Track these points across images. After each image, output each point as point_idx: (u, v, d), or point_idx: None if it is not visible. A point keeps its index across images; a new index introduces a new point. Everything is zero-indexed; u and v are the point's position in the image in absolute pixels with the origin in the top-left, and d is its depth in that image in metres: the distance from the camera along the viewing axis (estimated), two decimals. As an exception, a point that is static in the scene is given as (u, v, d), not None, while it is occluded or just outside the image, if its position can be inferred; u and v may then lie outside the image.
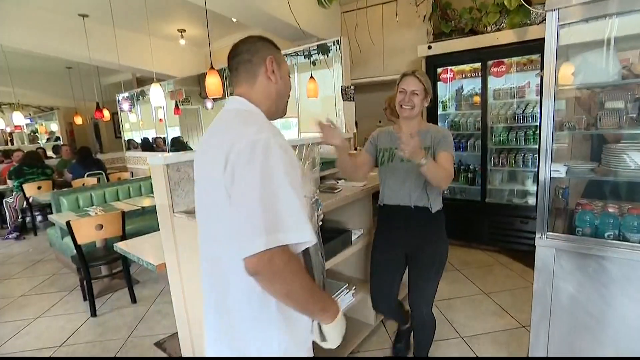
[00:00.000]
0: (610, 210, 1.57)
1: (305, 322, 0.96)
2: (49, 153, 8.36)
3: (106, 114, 6.41)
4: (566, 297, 1.58)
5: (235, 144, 0.82)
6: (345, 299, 1.99)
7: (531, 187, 3.42)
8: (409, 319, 1.97)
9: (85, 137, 10.21)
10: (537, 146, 3.23)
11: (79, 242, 2.67)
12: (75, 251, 2.71)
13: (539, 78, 3.17)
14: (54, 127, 10.60)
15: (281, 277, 0.78)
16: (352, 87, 3.86)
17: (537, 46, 2.96)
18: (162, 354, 2.25)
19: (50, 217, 3.48)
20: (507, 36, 3.19)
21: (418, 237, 1.68)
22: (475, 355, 2.08)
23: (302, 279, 0.82)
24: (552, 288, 1.60)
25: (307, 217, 0.82)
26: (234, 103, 0.99)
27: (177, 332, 2.10)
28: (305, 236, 0.80)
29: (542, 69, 1.61)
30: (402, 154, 1.38)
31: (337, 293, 1.97)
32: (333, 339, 0.95)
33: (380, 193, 1.77)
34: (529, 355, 1.73)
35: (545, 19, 1.50)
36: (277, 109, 1.03)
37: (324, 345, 0.97)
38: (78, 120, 7.51)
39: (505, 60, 3.33)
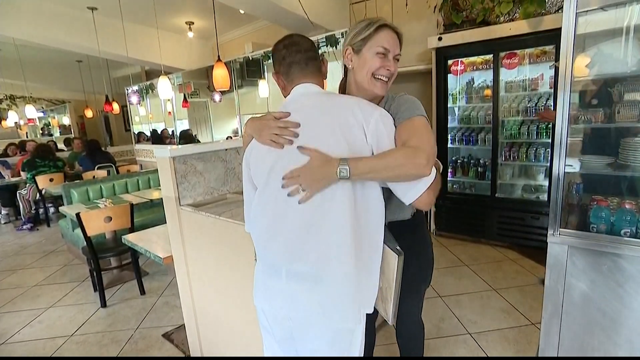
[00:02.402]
0: (627, 206, 1.52)
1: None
2: (60, 146, 8.49)
3: (115, 107, 6.47)
4: (579, 295, 1.53)
5: (372, 113, 0.99)
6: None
7: (543, 181, 3.34)
8: None
9: (96, 130, 10.34)
10: (549, 140, 3.15)
11: (89, 233, 2.71)
12: (85, 242, 2.75)
13: (553, 70, 3.08)
14: (66, 120, 10.75)
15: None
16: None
17: (551, 37, 2.86)
18: (170, 345, 2.27)
19: (61, 209, 3.54)
20: (520, 26, 3.09)
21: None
22: (485, 355, 2.05)
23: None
24: (564, 286, 1.56)
25: None
26: (315, 87, 1.10)
27: (184, 324, 2.12)
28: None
29: (557, 59, 1.55)
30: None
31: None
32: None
33: None
34: (539, 354, 1.69)
35: (561, 8, 1.44)
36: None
37: None
38: (88, 114, 7.60)
39: (518, 51, 3.23)
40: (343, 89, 1.24)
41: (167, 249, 1.99)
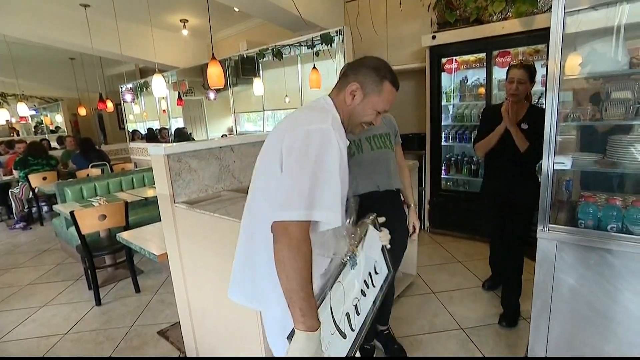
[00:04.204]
0: (614, 202, 1.55)
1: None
2: (53, 144, 8.42)
3: (109, 105, 6.42)
4: (567, 290, 1.57)
5: (297, 127, 0.95)
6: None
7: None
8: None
9: (90, 128, 10.26)
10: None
11: (83, 232, 2.70)
12: (79, 241, 2.74)
13: (545, 68, 3.11)
14: (59, 118, 10.66)
15: (289, 248, 0.87)
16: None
17: (543, 35, 2.88)
18: (165, 342, 2.28)
19: (54, 207, 3.52)
20: (513, 25, 3.13)
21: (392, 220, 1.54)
22: (478, 351, 2.08)
23: (304, 262, 0.88)
24: (553, 280, 1.59)
25: (341, 206, 0.95)
26: (321, 99, 1.14)
27: (179, 321, 2.13)
28: (337, 219, 0.91)
29: (547, 58, 1.58)
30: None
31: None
32: (293, 352, 0.87)
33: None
34: (529, 348, 1.73)
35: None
36: (347, 125, 1.12)
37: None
38: (82, 112, 7.54)
39: (511, 50, 3.27)
40: None
41: (161, 247, 1.99)
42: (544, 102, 3.11)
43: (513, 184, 2.19)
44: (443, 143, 3.71)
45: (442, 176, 3.78)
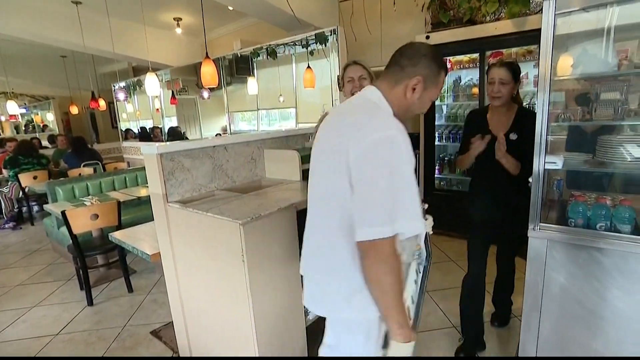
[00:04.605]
0: (603, 201, 1.58)
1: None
2: (44, 143, 8.31)
3: (102, 103, 6.36)
4: (557, 288, 1.59)
5: (362, 138, 0.90)
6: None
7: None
8: None
9: (82, 126, 10.14)
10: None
11: (75, 231, 2.67)
12: (71, 241, 2.71)
13: (537, 69, 3.15)
14: (50, 116, 10.52)
15: (381, 263, 0.88)
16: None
17: (535, 36, 2.88)
18: (158, 342, 2.27)
19: (45, 207, 3.47)
20: (505, 26, 3.16)
21: None
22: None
23: (396, 275, 0.90)
24: (543, 279, 1.61)
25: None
26: (368, 92, 1.06)
27: (172, 321, 2.11)
28: (419, 227, 0.92)
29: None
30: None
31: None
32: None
33: None
34: (520, 346, 1.75)
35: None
36: (401, 118, 1.04)
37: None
38: (74, 110, 7.45)
39: (504, 50, 3.30)
40: None
41: (154, 246, 1.98)
42: (535, 102, 3.15)
43: (502, 206, 1.91)
44: (436, 143, 3.73)
45: (435, 176, 3.81)
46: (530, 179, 1.61)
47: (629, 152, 1.56)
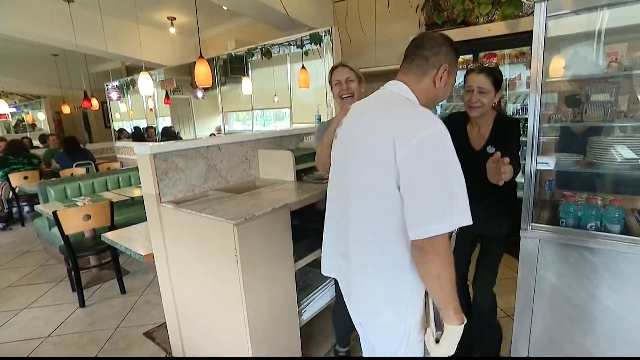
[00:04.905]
0: (593, 201, 1.60)
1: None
2: (35, 142, 8.21)
3: (95, 103, 6.31)
4: (548, 287, 1.61)
5: (410, 137, 0.89)
6: (327, 293, 1.99)
7: (520, 178, 3.44)
8: None
9: (74, 126, 10.03)
10: (525, 138, 3.25)
11: (67, 232, 2.64)
12: (62, 241, 2.68)
13: (530, 70, 3.18)
14: (41, 116, 10.38)
15: (440, 258, 0.89)
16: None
17: (528, 38, 2.94)
18: (151, 344, 2.25)
19: (36, 207, 3.43)
20: (498, 28, 3.19)
21: None
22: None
23: (452, 266, 0.92)
24: (535, 278, 1.63)
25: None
26: (395, 87, 1.07)
27: (165, 322, 2.10)
28: (470, 219, 0.90)
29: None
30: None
31: (322, 285, 1.98)
32: (450, 344, 0.96)
33: None
34: (512, 344, 1.76)
35: (535, 11, 1.49)
36: (426, 106, 1.05)
37: (434, 351, 1.00)
38: (65, 109, 7.37)
39: (497, 52, 3.33)
40: None
41: (148, 247, 1.97)
42: (528, 104, 3.18)
43: (483, 210, 1.55)
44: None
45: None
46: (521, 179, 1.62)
47: (618, 153, 1.58)
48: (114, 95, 6.83)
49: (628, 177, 1.73)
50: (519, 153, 1.68)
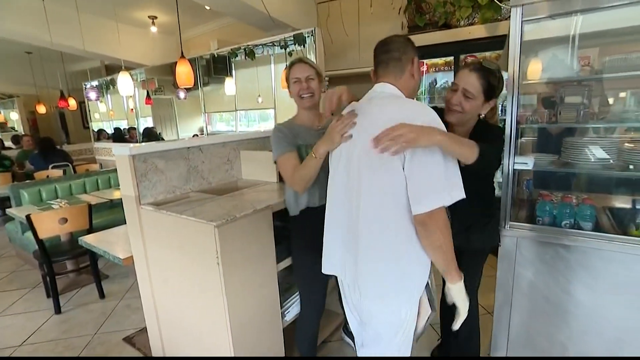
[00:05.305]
0: (568, 200, 1.65)
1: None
2: (7, 143, 7.89)
3: (72, 103, 6.11)
4: (526, 284, 1.65)
5: (412, 120, 1.01)
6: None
7: (499, 178, 3.53)
8: None
9: (50, 127, 9.69)
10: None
11: (41, 236, 2.55)
12: (37, 246, 2.58)
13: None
14: (14, 115, 9.99)
15: (440, 230, 1.01)
16: (325, 78, 3.85)
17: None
18: (131, 349, 2.19)
19: (8, 211, 3.29)
20: (479, 31, 3.26)
21: None
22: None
23: (450, 236, 1.04)
24: (513, 275, 1.67)
25: None
26: (383, 88, 1.18)
27: (146, 327, 2.05)
28: (463, 193, 1.03)
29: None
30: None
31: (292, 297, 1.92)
32: (462, 296, 1.12)
33: (305, 195, 1.52)
34: (492, 340, 1.80)
35: (513, 15, 1.52)
36: (410, 98, 1.20)
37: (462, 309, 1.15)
38: (41, 109, 7.12)
39: (477, 54, 3.40)
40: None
41: (127, 250, 1.92)
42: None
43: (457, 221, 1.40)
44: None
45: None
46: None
47: (592, 153, 1.64)
48: (92, 95, 6.64)
49: (600, 176, 1.79)
50: (498, 153, 1.44)
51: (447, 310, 1.76)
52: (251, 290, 1.59)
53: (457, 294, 1.12)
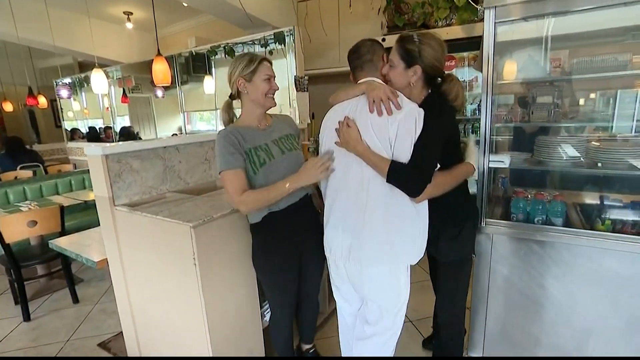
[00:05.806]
0: (541, 197, 1.71)
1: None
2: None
3: (42, 100, 5.86)
4: (502, 279, 1.70)
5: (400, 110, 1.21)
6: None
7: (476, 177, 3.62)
8: None
9: (19, 125, 9.23)
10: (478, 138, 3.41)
11: (8, 240, 2.43)
12: (3, 251, 2.46)
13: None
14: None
15: (435, 189, 1.27)
16: (305, 77, 3.83)
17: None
18: (107, 354, 2.12)
19: (-27, 214, 3.13)
20: (456, 31, 3.32)
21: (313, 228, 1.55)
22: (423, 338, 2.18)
23: (442, 178, 1.30)
24: (489, 271, 1.71)
25: None
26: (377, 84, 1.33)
27: (122, 331, 1.99)
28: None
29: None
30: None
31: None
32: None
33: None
34: (470, 335, 1.84)
35: (489, 16, 1.56)
36: None
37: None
38: (7, 107, 6.76)
39: (455, 54, 3.46)
40: (229, 106, 1.50)
41: (103, 252, 1.86)
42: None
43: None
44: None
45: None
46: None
47: (564, 151, 1.70)
48: (64, 93, 6.38)
49: (571, 173, 1.86)
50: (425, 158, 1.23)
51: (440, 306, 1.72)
52: (230, 291, 1.57)
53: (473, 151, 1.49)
